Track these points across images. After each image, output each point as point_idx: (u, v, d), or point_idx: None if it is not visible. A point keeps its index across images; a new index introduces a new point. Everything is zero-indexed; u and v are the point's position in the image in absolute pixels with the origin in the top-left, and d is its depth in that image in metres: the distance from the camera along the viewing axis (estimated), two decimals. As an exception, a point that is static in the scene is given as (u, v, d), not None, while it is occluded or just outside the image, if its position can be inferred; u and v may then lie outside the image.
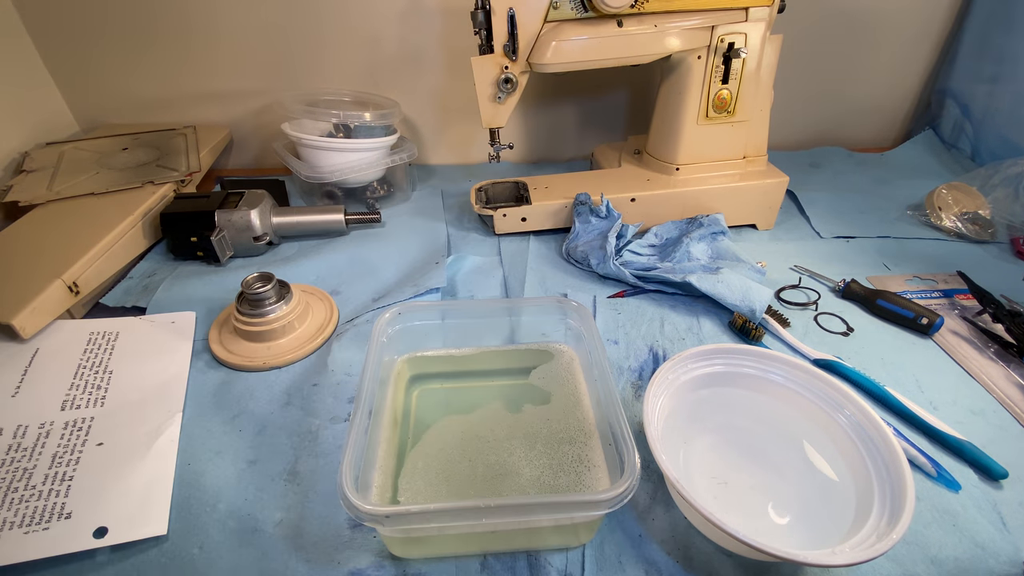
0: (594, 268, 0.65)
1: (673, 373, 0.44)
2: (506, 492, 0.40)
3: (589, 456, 0.42)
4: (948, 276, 0.65)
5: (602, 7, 0.58)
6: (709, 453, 0.44)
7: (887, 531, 0.33)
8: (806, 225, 0.77)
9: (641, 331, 0.57)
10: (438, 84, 0.90)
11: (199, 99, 0.89)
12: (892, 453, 0.37)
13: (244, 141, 0.94)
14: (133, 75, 0.86)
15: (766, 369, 0.45)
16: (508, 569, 0.37)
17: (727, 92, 0.67)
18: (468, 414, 0.46)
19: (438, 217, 0.78)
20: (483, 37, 0.61)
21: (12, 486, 0.41)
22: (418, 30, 0.84)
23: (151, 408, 0.48)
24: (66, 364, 0.51)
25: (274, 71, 0.87)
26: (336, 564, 0.37)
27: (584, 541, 0.39)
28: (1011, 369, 0.53)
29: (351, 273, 0.66)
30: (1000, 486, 0.43)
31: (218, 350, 0.53)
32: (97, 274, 0.60)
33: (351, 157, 0.75)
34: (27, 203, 0.67)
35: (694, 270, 0.62)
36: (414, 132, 0.95)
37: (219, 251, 0.65)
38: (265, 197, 0.69)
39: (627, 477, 0.33)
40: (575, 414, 0.46)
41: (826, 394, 0.43)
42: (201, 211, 0.66)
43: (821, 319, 0.59)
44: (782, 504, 0.40)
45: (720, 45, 0.64)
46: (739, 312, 0.57)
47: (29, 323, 0.53)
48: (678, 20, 0.62)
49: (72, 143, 0.81)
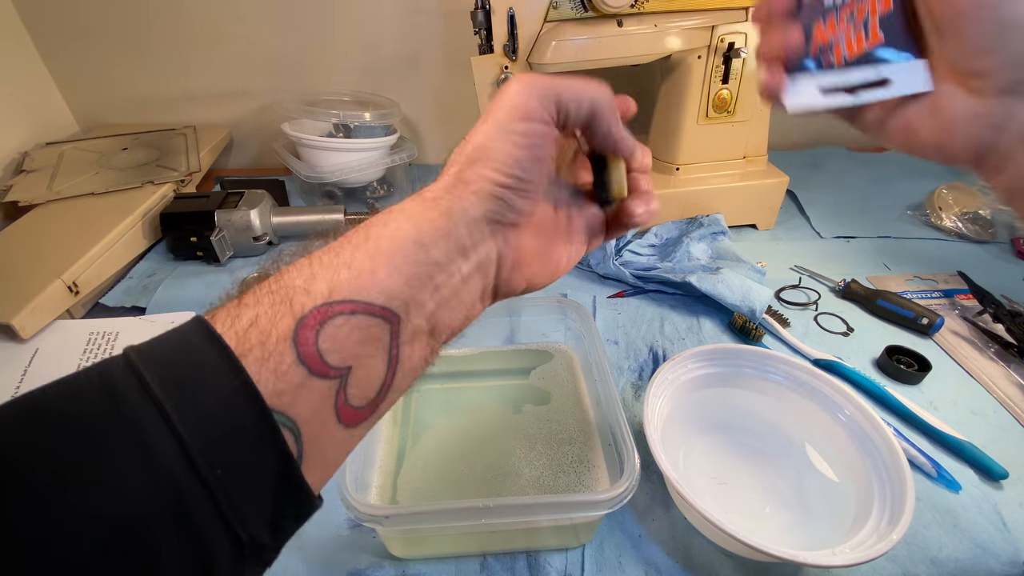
0: (594, 268, 0.65)
1: (673, 373, 0.44)
2: (506, 492, 0.40)
3: (589, 456, 0.42)
4: (948, 276, 0.65)
5: (602, 7, 0.58)
6: (709, 453, 0.44)
7: (887, 531, 0.33)
8: (806, 225, 0.77)
9: (641, 331, 0.57)
10: (438, 84, 0.90)
11: (199, 99, 0.89)
12: (892, 453, 0.37)
13: (244, 141, 0.94)
14: (133, 75, 0.86)
15: (766, 369, 0.45)
16: (508, 569, 0.37)
17: (727, 92, 0.67)
18: (468, 414, 0.46)
19: (438, 217, 0.78)
20: (483, 37, 0.61)
21: (12, 486, 0.41)
22: (418, 30, 0.84)
23: (151, 408, 0.48)
24: (66, 364, 0.51)
25: (274, 71, 0.87)
26: (335, 564, 0.37)
27: (584, 541, 0.39)
28: (1011, 369, 0.53)
29: (351, 273, 0.66)
30: (1000, 486, 0.43)
31: (218, 350, 0.53)
32: (97, 274, 0.60)
33: (351, 157, 0.75)
34: (27, 203, 0.67)
35: (694, 270, 0.62)
36: (414, 132, 0.95)
37: (219, 251, 0.65)
38: (265, 197, 0.69)
39: (627, 477, 0.33)
40: (575, 414, 0.46)
41: (826, 394, 0.43)
42: (201, 211, 0.66)
43: (821, 319, 0.59)
44: (782, 504, 0.40)
45: (720, 45, 0.64)
46: (739, 312, 0.57)
47: (29, 323, 0.53)
48: (678, 20, 0.62)
49: (72, 143, 0.81)
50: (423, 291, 0.23)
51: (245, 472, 0.18)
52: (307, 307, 0.20)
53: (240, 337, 0.19)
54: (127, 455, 0.16)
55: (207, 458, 0.17)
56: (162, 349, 0.19)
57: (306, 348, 0.20)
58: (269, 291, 0.21)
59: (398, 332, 0.22)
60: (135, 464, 0.16)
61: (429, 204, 0.24)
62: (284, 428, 0.19)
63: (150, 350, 0.19)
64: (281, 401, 0.19)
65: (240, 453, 0.18)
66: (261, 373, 0.19)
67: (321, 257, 0.22)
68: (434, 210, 0.23)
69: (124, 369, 0.17)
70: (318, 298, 0.20)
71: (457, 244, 0.24)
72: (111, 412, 0.17)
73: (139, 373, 0.17)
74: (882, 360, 0.53)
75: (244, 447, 0.18)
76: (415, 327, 0.23)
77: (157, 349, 0.19)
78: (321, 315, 0.20)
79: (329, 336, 0.20)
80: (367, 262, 0.22)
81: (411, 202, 0.24)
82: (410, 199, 0.24)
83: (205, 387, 0.18)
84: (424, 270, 0.23)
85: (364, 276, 0.21)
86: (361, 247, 0.22)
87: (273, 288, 0.21)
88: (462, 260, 0.24)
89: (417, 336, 0.23)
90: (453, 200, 0.24)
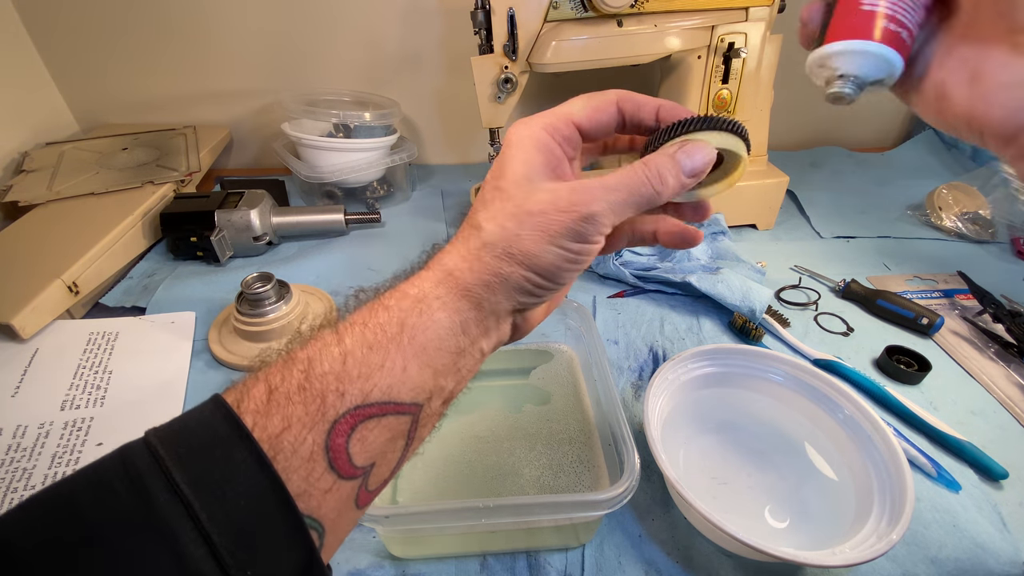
0: (594, 268, 0.65)
1: (673, 373, 0.44)
2: (506, 492, 0.40)
3: (589, 456, 0.42)
4: (948, 276, 0.65)
5: (602, 7, 0.58)
6: (709, 453, 0.44)
7: (887, 531, 0.33)
8: (806, 225, 0.77)
9: (641, 331, 0.57)
10: (438, 84, 0.90)
11: (199, 99, 0.89)
12: (892, 453, 0.37)
13: (244, 141, 0.94)
14: (133, 75, 0.86)
15: (766, 369, 0.45)
16: (508, 569, 0.37)
17: (727, 92, 0.67)
18: (468, 414, 0.46)
19: (438, 217, 0.78)
20: (483, 37, 0.61)
21: (12, 486, 0.41)
22: (418, 30, 0.84)
23: (151, 408, 0.48)
24: (66, 364, 0.51)
25: (274, 71, 0.87)
26: (335, 564, 0.37)
27: (584, 541, 0.39)
28: (1011, 369, 0.53)
29: (351, 273, 0.66)
30: (1000, 486, 0.43)
31: (218, 350, 0.53)
32: (97, 274, 0.60)
33: (351, 157, 0.75)
34: (27, 203, 0.67)
35: (694, 270, 0.62)
36: (414, 132, 0.95)
37: (219, 251, 0.65)
38: (265, 197, 0.69)
39: (627, 477, 0.33)
40: (575, 414, 0.46)
41: (826, 394, 0.43)
42: (201, 211, 0.66)
43: (821, 319, 0.59)
44: (782, 504, 0.40)
45: (720, 45, 0.64)
46: (739, 312, 0.57)
47: (29, 323, 0.53)
48: (678, 20, 0.62)
49: (72, 143, 0.81)
50: (447, 377, 0.23)
51: (272, 571, 0.18)
52: (340, 410, 0.20)
53: (273, 441, 0.19)
54: (158, 558, 0.16)
55: (236, 560, 0.17)
56: (188, 438, 0.18)
57: (337, 455, 0.20)
58: (300, 387, 0.20)
59: (418, 418, 0.23)
60: (165, 565, 0.16)
61: (463, 293, 0.23)
62: (311, 528, 0.19)
63: (174, 437, 0.18)
64: (309, 505, 0.19)
65: (268, 555, 0.18)
66: (290, 476, 0.19)
67: (353, 347, 0.21)
68: (466, 300, 0.23)
69: (150, 461, 0.17)
70: (350, 401, 0.20)
71: (484, 330, 0.24)
72: (141, 512, 0.17)
73: (167, 469, 0.17)
74: (882, 360, 0.53)
75: (273, 549, 0.18)
76: (434, 409, 0.24)
77: (183, 437, 0.18)
78: (353, 420, 0.20)
79: (359, 440, 0.20)
80: (399, 358, 0.22)
81: (444, 287, 0.23)
82: (441, 278, 0.24)
83: (235, 487, 0.17)
84: (451, 359, 0.23)
85: (396, 374, 0.21)
86: (395, 340, 0.22)
87: (304, 383, 0.20)
88: (484, 341, 0.25)
89: (433, 416, 0.24)
90: (490, 296, 0.24)
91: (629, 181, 0.24)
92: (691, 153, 0.25)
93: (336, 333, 0.22)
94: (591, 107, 0.26)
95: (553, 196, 0.23)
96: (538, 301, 0.25)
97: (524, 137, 0.25)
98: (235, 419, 0.19)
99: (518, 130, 0.25)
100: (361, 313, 0.23)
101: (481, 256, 0.24)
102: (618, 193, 0.24)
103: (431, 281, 0.24)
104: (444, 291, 0.23)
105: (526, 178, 0.24)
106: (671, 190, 0.24)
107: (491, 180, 0.25)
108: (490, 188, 0.25)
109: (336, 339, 0.22)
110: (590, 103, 0.26)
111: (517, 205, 0.24)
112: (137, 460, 0.17)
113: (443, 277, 0.24)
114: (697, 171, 0.25)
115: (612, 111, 0.26)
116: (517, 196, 0.24)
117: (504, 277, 0.23)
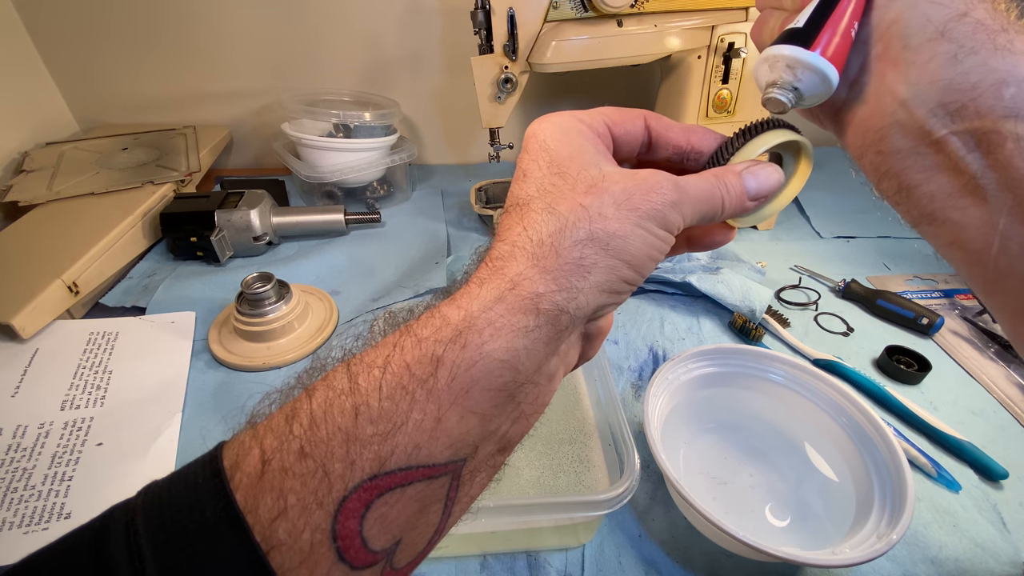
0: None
1: (673, 373, 0.44)
2: (506, 492, 0.40)
3: (589, 456, 0.42)
4: (948, 276, 0.65)
5: (602, 7, 0.58)
6: (709, 453, 0.44)
7: (887, 531, 0.33)
8: (806, 225, 0.77)
9: (641, 331, 0.57)
10: (438, 84, 0.90)
11: (199, 99, 0.89)
12: (892, 453, 0.37)
13: (244, 141, 0.94)
14: (133, 75, 0.86)
15: (766, 369, 0.45)
16: (507, 569, 0.37)
17: (727, 92, 0.67)
18: (468, 414, 0.46)
19: (438, 217, 0.78)
20: (483, 37, 0.61)
21: (12, 486, 0.41)
22: (418, 30, 0.84)
23: (151, 408, 0.48)
24: (66, 364, 0.51)
25: (274, 71, 0.87)
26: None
27: (584, 541, 0.38)
28: (1011, 369, 0.52)
29: (351, 273, 0.66)
30: (1000, 486, 0.43)
31: (218, 350, 0.53)
32: (97, 274, 0.60)
33: (351, 157, 0.75)
34: (27, 203, 0.67)
35: (694, 270, 0.62)
36: (414, 132, 0.95)
37: (219, 251, 0.65)
38: (265, 197, 0.69)
39: (626, 477, 0.33)
40: (575, 414, 0.46)
41: (826, 394, 0.43)
42: (201, 211, 0.66)
43: (821, 319, 0.59)
44: (782, 504, 0.40)
45: (720, 45, 0.64)
46: (739, 312, 0.57)
47: (29, 323, 0.53)
48: (678, 20, 0.62)
49: (72, 143, 0.81)
50: (501, 417, 0.18)
51: None
52: (349, 485, 0.16)
53: (266, 530, 0.15)
54: None
55: None
56: (173, 516, 0.15)
57: (348, 543, 0.16)
58: (300, 454, 0.16)
59: (460, 475, 0.18)
60: None
61: (530, 306, 0.18)
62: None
63: (158, 516, 0.15)
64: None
65: None
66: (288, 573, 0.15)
67: (368, 395, 0.17)
68: (533, 316, 0.18)
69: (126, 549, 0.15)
70: (363, 471, 0.16)
71: (554, 349, 0.19)
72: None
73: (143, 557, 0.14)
74: (882, 360, 0.53)
75: None
76: (482, 459, 0.19)
77: (167, 516, 0.15)
78: (367, 495, 0.16)
79: (377, 519, 0.16)
80: (431, 408, 0.17)
81: (503, 305, 0.18)
82: (499, 294, 0.18)
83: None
84: (506, 397, 0.18)
85: (425, 430, 0.17)
86: (425, 385, 0.17)
87: (305, 447, 0.16)
88: (554, 362, 0.20)
89: (482, 466, 0.19)
90: (570, 300, 0.18)
91: (705, 185, 0.21)
92: (757, 173, 0.23)
93: (349, 374, 0.17)
94: (620, 113, 0.24)
95: (632, 176, 0.20)
96: (618, 301, 0.21)
97: (568, 128, 0.22)
98: (227, 495, 0.15)
99: (559, 120, 0.22)
100: (384, 347, 0.18)
101: (557, 244, 0.19)
102: (696, 191, 0.21)
103: (483, 300, 0.18)
104: (503, 310, 0.18)
105: (592, 163, 0.20)
106: (732, 210, 0.22)
107: (544, 168, 0.21)
108: (548, 175, 0.20)
109: (349, 385, 0.17)
110: (619, 111, 0.24)
111: (591, 185, 0.20)
112: (113, 550, 0.15)
113: (502, 292, 0.18)
114: (763, 193, 0.23)
115: (640, 124, 0.24)
116: (588, 177, 0.20)
117: (587, 269, 0.19)
